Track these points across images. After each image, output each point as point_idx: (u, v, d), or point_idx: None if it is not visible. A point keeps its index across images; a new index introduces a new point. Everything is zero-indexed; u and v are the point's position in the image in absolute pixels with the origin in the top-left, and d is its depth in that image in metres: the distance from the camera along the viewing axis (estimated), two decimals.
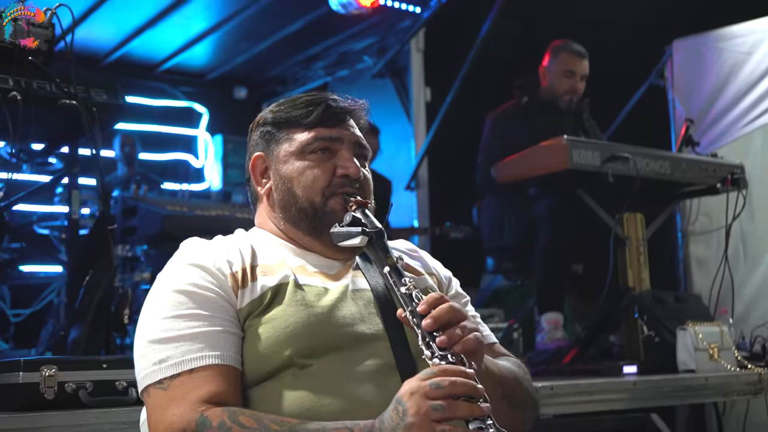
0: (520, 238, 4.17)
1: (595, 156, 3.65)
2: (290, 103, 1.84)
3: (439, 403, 1.34)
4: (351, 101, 1.86)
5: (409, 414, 1.35)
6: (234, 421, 1.42)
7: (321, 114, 1.78)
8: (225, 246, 1.69)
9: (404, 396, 1.38)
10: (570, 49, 4.47)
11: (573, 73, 4.45)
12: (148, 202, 3.73)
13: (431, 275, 1.87)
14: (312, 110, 1.78)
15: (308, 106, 1.80)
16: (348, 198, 1.71)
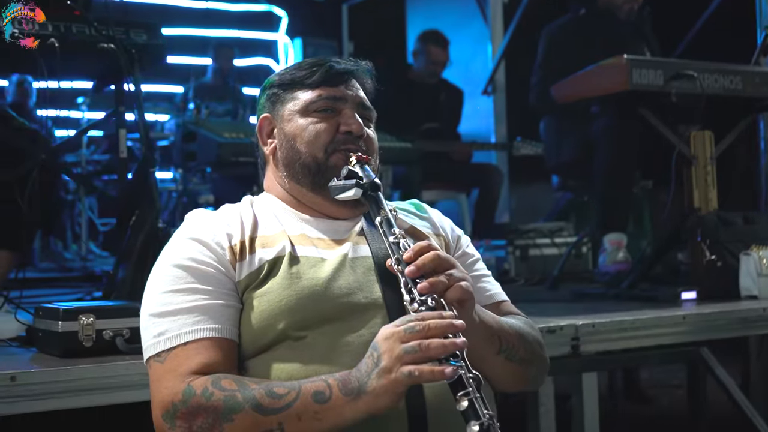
0: (579, 156, 4.09)
1: (657, 75, 3.49)
2: (296, 66, 1.84)
3: (410, 345, 1.36)
4: (354, 63, 1.84)
5: (383, 359, 1.37)
6: (216, 386, 1.47)
7: (324, 74, 1.77)
8: (227, 217, 1.71)
9: (379, 341, 1.40)
10: None
11: None
12: (207, 128, 3.78)
13: (439, 236, 1.85)
14: (316, 70, 1.78)
15: (312, 67, 1.80)
16: (350, 153, 1.71)
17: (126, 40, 2.78)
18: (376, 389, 1.38)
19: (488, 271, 1.91)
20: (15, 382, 1.96)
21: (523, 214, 6.71)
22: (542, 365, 1.80)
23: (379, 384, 1.38)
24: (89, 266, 5.67)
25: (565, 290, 4.10)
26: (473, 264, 1.87)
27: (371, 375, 1.39)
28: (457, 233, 1.92)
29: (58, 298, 4.02)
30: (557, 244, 4.73)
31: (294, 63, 1.88)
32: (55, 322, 2.24)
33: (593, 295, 3.72)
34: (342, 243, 1.71)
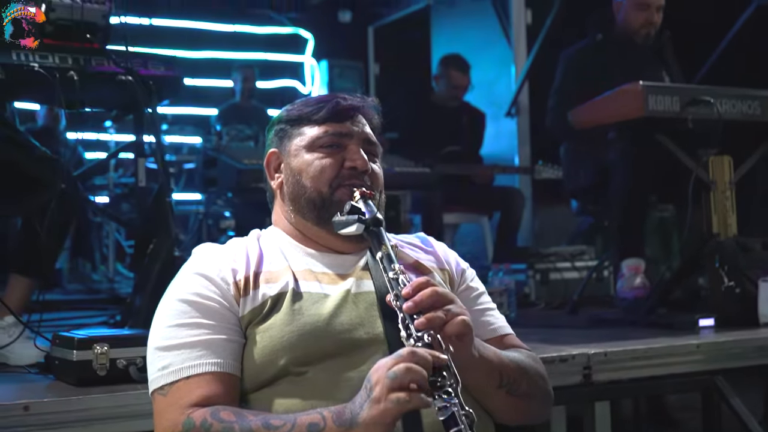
0: (596, 181, 4.09)
1: (674, 101, 3.48)
2: (303, 102, 1.88)
3: (392, 371, 1.37)
4: (360, 99, 1.87)
5: (374, 389, 1.39)
6: (215, 417, 1.50)
7: (331, 110, 1.81)
8: (233, 252, 1.74)
9: (371, 373, 1.42)
10: None
11: (647, 5, 4.24)
12: (227, 154, 3.83)
13: (443, 270, 1.88)
14: (322, 107, 1.82)
15: (319, 103, 1.83)
16: (354, 189, 1.74)
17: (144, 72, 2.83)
18: (366, 420, 1.40)
19: (492, 303, 1.93)
20: (28, 412, 2.01)
21: (546, 237, 6.71)
22: (545, 398, 1.81)
23: (370, 414, 1.40)
24: (116, 288, 5.76)
25: (585, 315, 4.10)
26: (477, 297, 1.89)
27: (363, 406, 1.41)
28: (462, 267, 1.94)
29: (83, 321, 4.11)
30: (578, 268, 4.73)
31: (301, 99, 1.91)
32: (70, 351, 2.30)
33: (611, 320, 3.71)
34: (346, 278, 1.74)
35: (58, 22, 2.80)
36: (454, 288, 1.86)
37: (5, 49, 2.68)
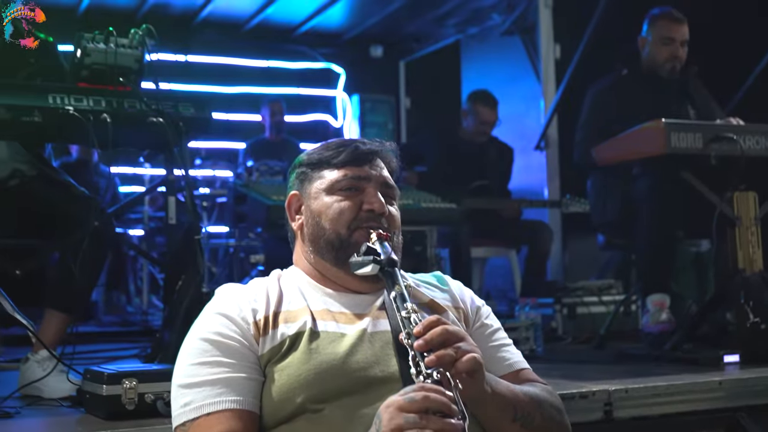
0: (621, 215, 4.11)
1: (696, 138, 3.53)
2: (323, 146, 1.93)
3: (411, 416, 1.40)
4: (379, 143, 1.93)
5: (383, 426, 1.42)
6: None
7: (350, 154, 1.86)
8: (254, 292, 1.81)
9: (381, 410, 1.45)
10: (667, 16, 4.31)
11: (672, 39, 4.28)
12: (257, 191, 3.92)
13: (458, 308, 1.92)
14: (342, 151, 1.87)
15: (339, 147, 1.89)
16: (371, 231, 1.79)
17: (174, 113, 2.92)
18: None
19: (508, 339, 1.96)
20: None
21: (576, 270, 6.71)
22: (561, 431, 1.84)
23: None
24: (149, 320, 5.86)
25: (611, 349, 4.12)
26: (492, 334, 1.93)
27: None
28: (477, 304, 1.98)
29: (116, 354, 4.20)
30: (605, 302, 4.74)
31: (322, 144, 1.97)
32: (100, 385, 2.38)
33: (635, 356, 3.73)
34: (362, 317, 1.79)
35: (93, 66, 2.91)
36: (469, 325, 1.90)
37: (41, 93, 2.78)
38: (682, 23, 4.30)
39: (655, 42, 4.33)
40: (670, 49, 4.29)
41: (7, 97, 2.72)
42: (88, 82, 2.93)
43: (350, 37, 8.38)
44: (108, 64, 2.91)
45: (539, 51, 6.86)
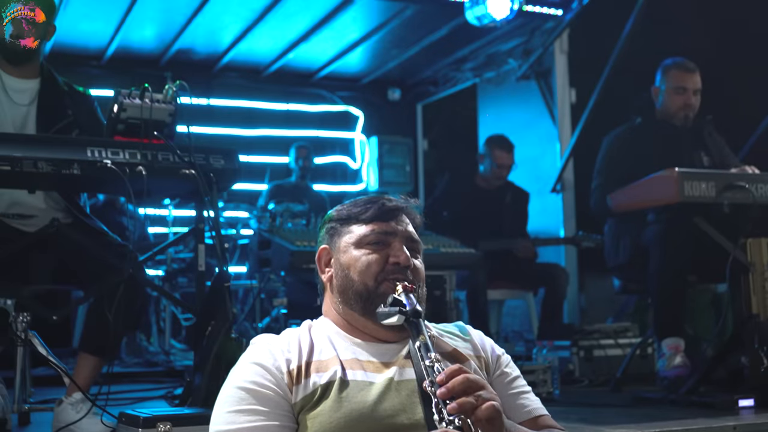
0: (635, 260, 4.20)
1: (709, 187, 3.63)
2: (351, 203, 2.05)
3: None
4: (404, 200, 2.04)
5: None
6: None
7: (377, 210, 1.98)
8: (287, 343, 1.91)
9: None
10: (679, 66, 4.44)
11: (684, 89, 4.41)
12: (281, 236, 4.03)
13: (479, 357, 2.01)
14: (369, 207, 1.99)
15: (366, 204, 2.01)
16: (397, 283, 1.90)
17: (206, 165, 3.05)
18: None
19: (527, 386, 2.05)
20: None
21: (593, 309, 6.79)
22: None
23: None
24: (172, 360, 5.96)
25: (628, 393, 4.18)
26: (512, 382, 2.02)
27: None
28: (497, 353, 2.07)
29: (143, 394, 4.30)
30: (621, 345, 4.81)
31: (350, 200, 2.09)
32: (136, 429, 2.48)
33: (652, 399, 3.79)
34: (389, 366, 1.89)
35: (129, 120, 3.05)
36: (490, 374, 2.00)
37: (80, 146, 2.92)
38: (695, 73, 4.43)
39: (668, 91, 4.45)
40: (683, 98, 4.41)
41: (49, 151, 2.85)
42: (123, 135, 3.06)
43: (368, 81, 8.55)
44: (143, 118, 3.04)
45: (555, 95, 7.01)
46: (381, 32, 7.10)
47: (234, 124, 8.14)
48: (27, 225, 3.33)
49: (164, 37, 7.20)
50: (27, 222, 3.33)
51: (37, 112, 3.41)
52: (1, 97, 3.39)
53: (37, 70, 3.51)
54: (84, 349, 3.21)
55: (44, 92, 3.46)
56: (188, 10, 6.47)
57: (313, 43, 7.32)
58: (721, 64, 4.96)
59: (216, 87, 8.14)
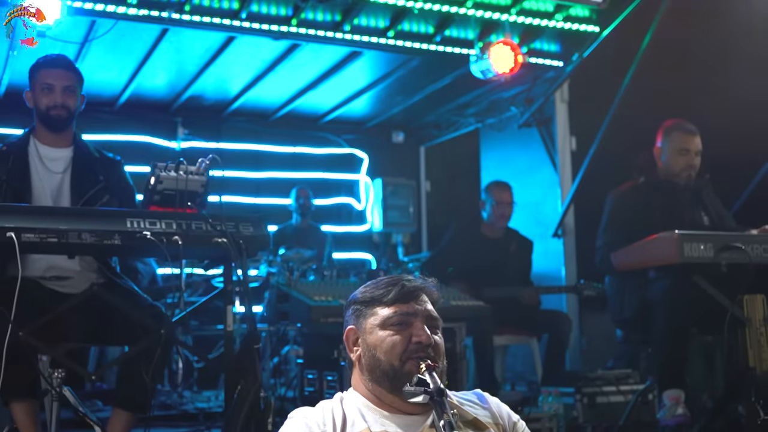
0: (638, 314, 4.40)
1: (708, 248, 3.82)
2: (374, 285, 2.25)
3: None
4: (422, 281, 2.24)
5: None
6: None
7: (398, 293, 2.18)
8: (322, 416, 2.11)
9: None
10: (681, 128, 4.66)
11: (687, 150, 4.63)
12: (299, 290, 4.22)
13: (498, 425, 2.21)
14: (391, 290, 2.19)
15: (388, 286, 2.20)
16: (420, 361, 2.10)
17: (235, 233, 3.24)
18: None
19: None
20: None
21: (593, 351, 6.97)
22: None
23: None
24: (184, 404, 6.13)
25: None
26: None
27: None
28: (514, 420, 2.28)
29: None
30: (623, 392, 4.98)
31: (372, 281, 2.27)
32: None
33: None
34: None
35: (165, 192, 3.25)
36: None
37: (120, 218, 3.11)
38: (696, 135, 4.65)
39: (671, 153, 4.65)
40: (686, 159, 4.63)
41: (92, 223, 3.04)
42: (159, 205, 3.26)
43: (373, 124, 8.77)
44: (178, 189, 3.24)
45: (556, 142, 7.22)
46: (387, 81, 7.32)
47: (242, 166, 8.35)
48: (63, 287, 3.53)
49: (176, 86, 7.42)
50: (63, 284, 3.53)
51: (71, 180, 3.62)
52: (38, 166, 3.61)
53: (70, 139, 3.72)
54: (119, 406, 3.39)
55: (77, 160, 3.68)
56: (201, 61, 6.69)
57: (320, 91, 7.55)
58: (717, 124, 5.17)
59: (225, 131, 8.36)
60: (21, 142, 3.64)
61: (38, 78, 3.66)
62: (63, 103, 3.65)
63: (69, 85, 3.67)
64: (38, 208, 3.33)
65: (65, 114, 3.66)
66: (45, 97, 3.64)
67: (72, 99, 3.68)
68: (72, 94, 3.68)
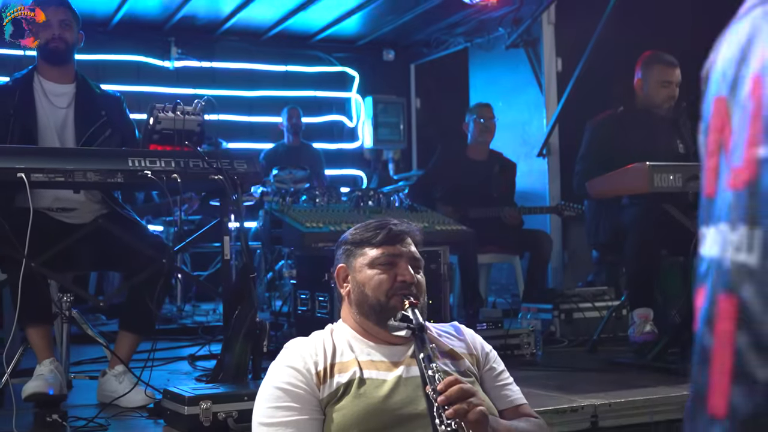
0: (612, 238, 4.67)
1: (676, 178, 4.05)
2: (363, 227, 2.48)
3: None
4: (407, 225, 2.48)
5: None
6: None
7: (385, 235, 2.41)
8: (314, 347, 2.37)
9: None
10: (663, 60, 4.80)
11: (669, 82, 4.78)
12: (291, 217, 4.45)
13: (471, 355, 2.48)
14: (379, 232, 2.42)
15: (376, 229, 2.44)
16: (404, 299, 2.35)
17: (230, 170, 3.46)
18: None
19: (510, 378, 2.52)
20: None
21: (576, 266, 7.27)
22: None
23: None
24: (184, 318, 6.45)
25: (603, 353, 4.68)
26: (498, 375, 2.49)
27: None
28: (486, 350, 2.54)
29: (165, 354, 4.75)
30: (598, 308, 5.29)
31: (362, 224, 2.51)
32: (181, 406, 2.95)
33: (623, 364, 4.28)
34: (398, 365, 2.35)
35: (163, 131, 3.45)
36: (480, 368, 2.47)
37: (123, 157, 3.33)
38: (677, 67, 4.81)
39: (653, 85, 4.82)
40: (667, 91, 4.80)
41: (96, 162, 3.26)
42: (158, 144, 3.47)
43: (364, 43, 8.88)
44: (176, 129, 3.45)
45: (542, 63, 7.37)
46: (378, 1, 7.42)
47: (235, 86, 8.50)
48: (69, 217, 3.76)
49: (168, 6, 7.51)
50: (69, 214, 3.76)
51: (74, 114, 3.81)
52: (43, 101, 3.79)
53: (72, 75, 3.90)
54: (125, 328, 3.67)
55: (80, 96, 3.86)
56: None
57: (311, 11, 7.65)
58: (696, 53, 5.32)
59: (217, 50, 8.47)
60: (26, 79, 3.82)
61: None
62: (60, 35, 3.81)
63: (64, 18, 3.83)
64: (46, 149, 3.52)
65: (63, 46, 3.82)
66: (44, 32, 3.81)
67: (69, 32, 3.84)
68: (68, 27, 3.84)
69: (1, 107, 3.69)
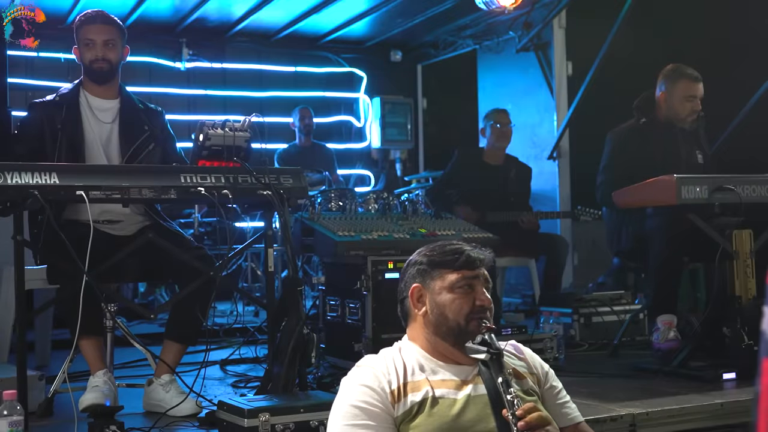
0: (635, 246, 4.77)
1: (702, 189, 4.15)
2: (440, 249, 2.56)
3: None
4: (481, 251, 2.56)
5: None
6: None
7: (465, 261, 2.50)
8: (385, 365, 2.46)
9: None
10: (687, 74, 4.89)
11: (694, 97, 4.88)
12: (322, 225, 4.53)
13: (533, 374, 2.58)
14: (458, 257, 2.51)
15: (455, 254, 2.52)
16: (482, 323, 2.45)
17: (277, 184, 3.54)
18: None
19: (567, 396, 2.63)
20: None
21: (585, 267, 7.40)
22: None
23: None
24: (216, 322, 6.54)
25: (624, 358, 4.80)
26: (558, 393, 2.60)
27: None
28: (545, 369, 2.64)
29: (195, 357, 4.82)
30: (616, 312, 5.41)
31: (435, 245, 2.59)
32: (240, 418, 3.03)
33: (649, 371, 4.39)
34: (467, 384, 2.45)
35: (212, 147, 3.53)
36: (541, 386, 2.57)
37: (175, 174, 3.40)
38: (700, 81, 4.91)
39: (678, 99, 4.90)
40: (692, 105, 4.90)
41: (150, 180, 3.33)
42: (206, 159, 3.55)
43: (372, 44, 8.95)
44: (225, 145, 3.53)
45: (553, 67, 7.47)
46: (388, 5, 7.50)
47: (246, 86, 8.56)
48: (114, 229, 3.84)
49: (180, 9, 7.56)
50: (114, 226, 3.84)
51: (119, 129, 3.89)
52: (89, 116, 3.87)
53: (116, 91, 3.98)
54: (172, 338, 3.75)
55: (124, 111, 3.94)
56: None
57: (322, 14, 7.71)
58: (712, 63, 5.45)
59: (228, 52, 8.53)
60: (72, 94, 3.89)
61: (81, 34, 3.90)
62: (104, 56, 3.89)
63: (109, 38, 3.90)
64: (101, 167, 3.60)
65: (107, 66, 3.90)
66: (88, 51, 3.88)
67: (113, 52, 3.92)
68: (113, 47, 3.92)
69: (49, 122, 3.76)
